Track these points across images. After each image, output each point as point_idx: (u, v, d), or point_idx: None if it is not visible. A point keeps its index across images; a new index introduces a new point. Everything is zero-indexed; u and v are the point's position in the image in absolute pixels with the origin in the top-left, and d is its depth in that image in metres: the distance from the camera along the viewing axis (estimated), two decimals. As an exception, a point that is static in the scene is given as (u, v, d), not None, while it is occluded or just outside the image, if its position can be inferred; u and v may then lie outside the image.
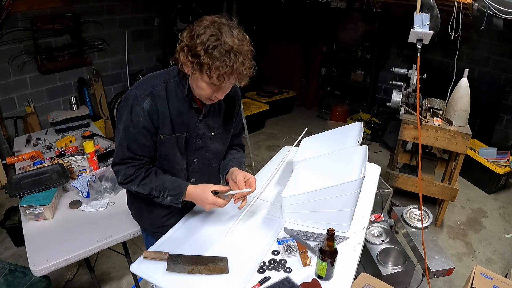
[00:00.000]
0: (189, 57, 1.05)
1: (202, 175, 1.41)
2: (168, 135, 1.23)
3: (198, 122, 1.27)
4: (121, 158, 1.23)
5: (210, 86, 1.11)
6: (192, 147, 1.31)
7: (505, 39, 3.79)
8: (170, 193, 1.24)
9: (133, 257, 1.68)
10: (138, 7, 4.46)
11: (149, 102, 1.16)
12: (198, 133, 1.29)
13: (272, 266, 1.19)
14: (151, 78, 1.22)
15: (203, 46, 1.01)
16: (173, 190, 1.24)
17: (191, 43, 1.04)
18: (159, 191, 1.24)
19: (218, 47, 1.01)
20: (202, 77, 1.08)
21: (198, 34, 1.03)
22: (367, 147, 1.48)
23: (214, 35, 1.01)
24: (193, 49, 1.03)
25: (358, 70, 5.10)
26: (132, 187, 1.26)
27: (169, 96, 1.19)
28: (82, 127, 2.81)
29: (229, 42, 1.02)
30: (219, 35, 1.02)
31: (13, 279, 1.60)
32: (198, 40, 1.02)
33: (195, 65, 1.04)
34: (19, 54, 3.50)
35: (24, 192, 1.83)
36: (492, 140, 4.11)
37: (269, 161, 1.90)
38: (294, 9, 4.80)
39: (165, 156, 1.29)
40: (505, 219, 3.16)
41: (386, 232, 2.15)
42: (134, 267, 1.18)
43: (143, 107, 1.16)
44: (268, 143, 4.55)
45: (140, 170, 1.25)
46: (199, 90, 1.14)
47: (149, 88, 1.17)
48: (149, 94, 1.16)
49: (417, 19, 2.10)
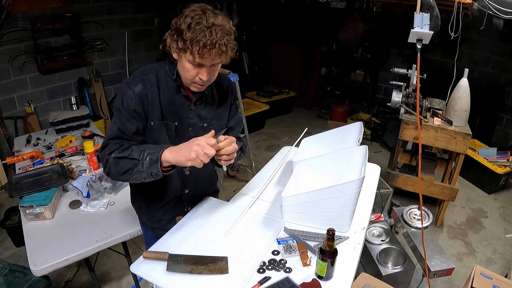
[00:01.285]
0: (174, 37, 1.12)
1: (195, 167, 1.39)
2: (157, 121, 1.25)
3: (189, 111, 1.29)
4: (110, 138, 1.21)
5: (194, 65, 1.14)
6: (184, 137, 1.31)
7: (505, 39, 3.79)
8: (149, 152, 1.13)
9: (133, 257, 1.68)
10: (138, 7, 4.46)
11: (140, 87, 1.20)
12: (189, 122, 1.31)
13: (272, 266, 1.19)
14: (143, 69, 1.27)
15: (187, 25, 1.08)
16: (152, 149, 1.14)
17: (177, 25, 1.11)
18: (139, 155, 1.13)
19: (200, 23, 1.07)
20: (185, 56, 1.12)
21: (184, 16, 1.10)
22: (367, 147, 1.48)
23: (197, 15, 1.09)
24: (178, 29, 1.10)
25: (358, 70, 5.10)
26: (113, 154, 1.16)
27: (160, 84, 1.24)
28: (82, 127, 2.81)
29: (211, 19, 1.08)
30: (202, 14, 1.09)
31: (13, 279, 1.60)
32: (183, 21, 1.09)
33: (179, 43, 1.10)
34: (19, 54, 3.50)
35: (24, 192, 1.83)
36: (492, 140, 4.11)
37: (269, 161, 1.90)
38: (294, 9, 4.80)
39: (155, 143, 1.28)
40: (505, 219, 3.16)
41: (386, 232, 2.15)
42: (134, 267, 1.18)
43: (134, 90, 1.20)
44: (268, 143, 4.55)
45: (122, 144, 1.20)
46: (184, 72, 1.18)
47: (140, 75, 1.23)
48: (140, 80, 1.22)
49: (417, 19, 2.10)
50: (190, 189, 1.46)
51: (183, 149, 1.10)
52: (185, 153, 1.08)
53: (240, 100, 3.16)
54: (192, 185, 1.46)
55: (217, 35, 1.08)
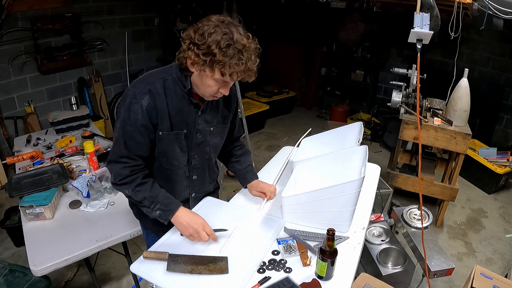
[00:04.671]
0: (200, 56, 1.07)
1: (203, 171, 1.43)
2: (166, 131, 1.24)
3: (197, 117, 1.28)
4: (118, 156, 1.22)
5: (218, 83, 1.14)
6: (193, 143, 1.32)
7: (505, 39, 3.79)
8: (160, 207, 1.25)
9: (133, 257, 1.68)
10: (138, 7, 4.46)
11: (147, 100, 1.17)
12: (197, 129, 1.30)
13: (272, 266, 1.19)
14: (149, 76, 1.23)
15: (217, 45, 1.04)
16: (164, 206, 1.25)
17: (202, 41, 1.06)
18: (150, 201, 1.25)
19: (232, 45, 1.05)
20: (212, 75, 1.10)
21: (209, 33, 1.05)
22: (367, 147, 1.48)
23: (226, 34, 1.05)
24: (205, 47, 1.06)
25: (358, 70, 5.10)
26: (126, 190, 1.26)
27: (167, 93, 1.20)
28: (82, 127, 2.81)
29: (241, 41, 1.06)
30: (231, 34, 1.05)
31: (13, 279, 1.60)
32: (210, 38, 1.05)
33: (208, 63, 1.06)
34: (19, 54, 3.50)
35: (24, 192, 1.82)
36: (492, 140, 4.11)
37: (269, 161, 1.90)
38: (294, 9, 4.80)
39: (164, 152, 1.29)
40: (505, 219, 3.16)
41: (386, 232, 2.15)
42: (134, 267, 1.18)
43: (142, 104, 1.16)
44: (268, 143, 4.55)
45: (136, 174, 1.24)
46: (204, 87, 1.16)
47: (147, 86, 1.18)
48: (147, 91, 1.17)
49: (417, 19, 2.09)
50: (196, 192, 1.48)
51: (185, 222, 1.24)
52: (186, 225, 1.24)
53: (240, 100, 3.16)
54: (198, 188, 1.47)
55: (250, 58, 1.08)
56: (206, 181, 1.49)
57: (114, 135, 1.26)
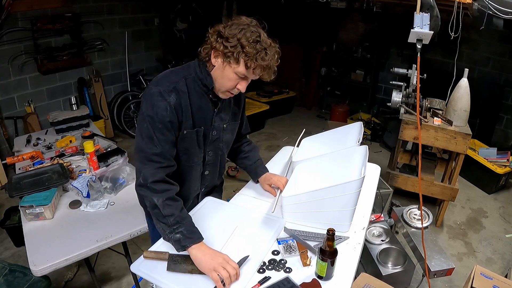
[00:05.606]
0: (229, 47, 1.12)
1: (215, 166, 1.48)
2: (190, 129, 1.27)
3: (214, 115, 1.32)
4: (151, 153, 1.18)
5: (238, 77, 1.18)
6: (208, 139, 1.36)
7: (505, 39, 3.79)
8: (184, 231, 1.16)
9: (133, 257, 1.68)
10: (138, 7, 4.46)
11: (174, 97, 1.19)
12: (214, 126, 1.34)
13: (272, 266, 1.19)
14: (170, 75, 1.24)
15: (247, 39, 1.11)
16: (188, 232, 1.17)
17: (232, 35, 1.12)
18: (176, 221, 1.16)
19: (259, 42, 1.13)
20: (236, 67, 1.15)
21: (240, 29, 1.13)
22: (367, 147, 1.48)
23: (255, 32, 1.14)
24: (234, 40, 1.12)
25: (358, 70, 5.10)
26: (155, 198, 1.17)
27: (190, 91, 1.23)
28: (82, 127, 2.81)
29: (266, 40, 1.16)
30: (258, 33, 1.15)
31: (13, 279, 1.60)
32: (241, 33, 1.12)
33: (235, 55, 1.12)
34: (19, 54, 3.50)
35: (24, 192, 1.82)
36: (492, 140, 4.11)
37: (269, 161, 1.90)
38: (294, 9, 4.80)
39: (186, 150, 1.31)
40: (505, 219, 3.16)
41: (386, 232, 2.15)
42: (134, 267, 1.18)
43: (169, 101, 1.18)
44: (268, 143, 4.55)
45: (169, 185, 1.21)
46: (224, 80, 1.19)
47: (171, 84, 1.20)
48: (173, 89, 1.19)
49: (417, 19, 2.10)
50: (205, 186, 1.52)
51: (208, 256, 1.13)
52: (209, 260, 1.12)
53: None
54: (208, 183, 1.51)
55: (274, 57, 1.17)
56: (215, 176, 1.53)
57: (140, 134, 1.20)
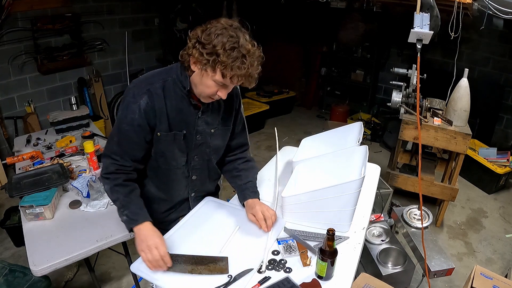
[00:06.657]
0: (204, 55, 1.07)
1: (202, 172, 1.43)
2: (165, 132, 1.24)
3: (197, 119, 1.28)
4: (110, 151, 1.25)
5: (217, 84, 1.13)
6: (193, 143, 1.32)
7: (505, 39, 3.79)
8: (128, 214, 1.23)
9: (133, 257, 1.67)
10: (138, 7, 4.46)
11: (146, 100, 1.18)
12: (197, 130, 1.30)
13: (272, 266, 1.19)
14: (149, 76, 1.24)
15: (223, 46, 1.05)
16: (132, 214, 1.23)
17: (208, 41, 1.07)
18: (122, 205, 1.24)
19: (236, 49, 1.06)
20: (213, 76, 1.10)
21: (216, 34, 1.06)
22: (367, 147, 1.48)
23: (232, 37, 1.06)
24: (210, 47, 1.06)
25: (358, 70, 5.10)
26: (106, 185, 1.27)
27: (166, 94, 1.21)
28: (82, 127, 2.81)
29: (246, 46, 1.08)
30: (237, 38, 1.07)
31: (13, 279, 1.60)
32: (217, 39, 1.06)
33: (211, 63, 1.07)
34: (19, 54, 3.50)
35: (24, 192, 1.82)
36: (492, 140, 4.11)
37: (269, 161, 1.90)
38: (294, 9, 4.80)
39: (162, 153, 1.30)
40: (505, 219, 3.16)
41: (386, 232, 2.15)
42: (134, 267, 1.18)
43: (139, 104, 1.17)
44: (268, 143, 4.54)
45: (120, 174, 1.25)
46: (203, 87, 1.16)
47: (146, 86, 1.19)
48: (146, 92, 1.18)
49: (417, 19, 2.09)
50: (196, 192, 1.48)
51: (142, 239, 1.18)
52: (140, 243, 1.18)
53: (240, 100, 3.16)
54: (198, 188, 1.47)
55: (253, 65, 1.09)
56: (206, 181, 1.49)
57: (111, 131, 1.28)
